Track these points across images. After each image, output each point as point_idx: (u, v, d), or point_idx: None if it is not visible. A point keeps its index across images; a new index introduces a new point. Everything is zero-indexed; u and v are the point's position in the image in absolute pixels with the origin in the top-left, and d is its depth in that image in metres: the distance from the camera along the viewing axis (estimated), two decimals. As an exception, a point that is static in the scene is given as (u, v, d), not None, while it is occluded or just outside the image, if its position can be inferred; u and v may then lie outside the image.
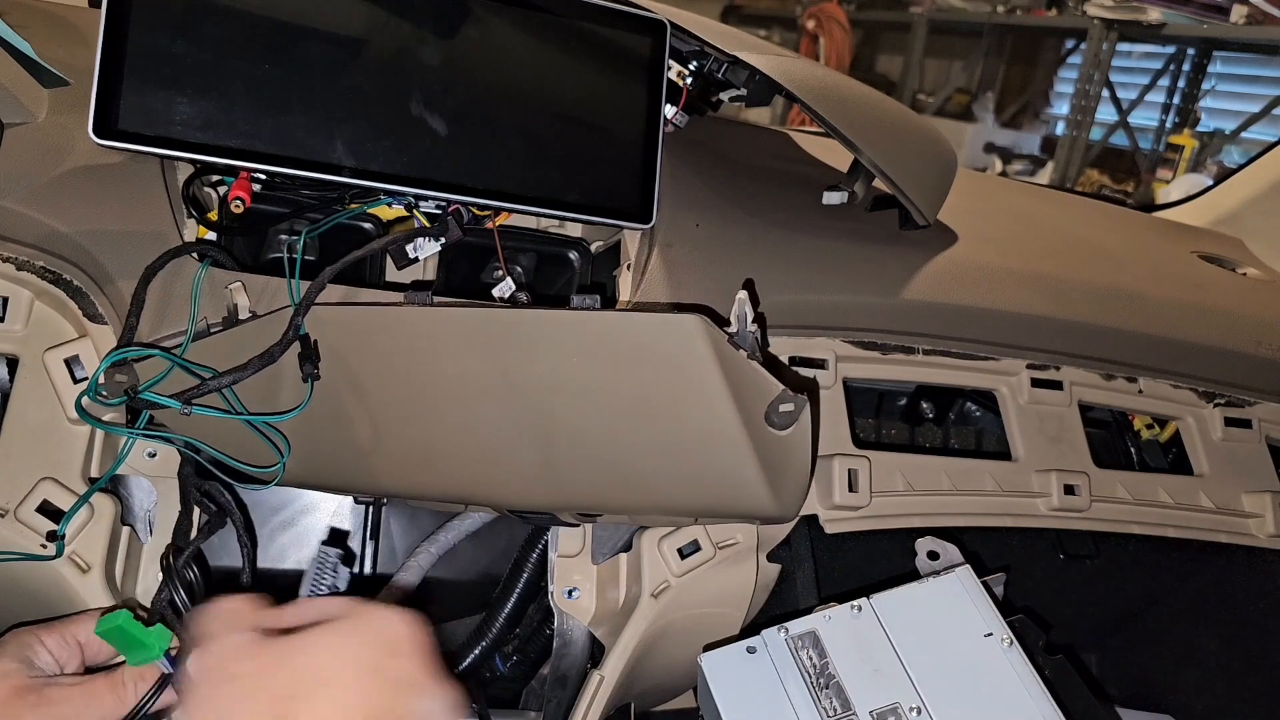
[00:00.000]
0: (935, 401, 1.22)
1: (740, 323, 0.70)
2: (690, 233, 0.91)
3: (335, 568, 0.86)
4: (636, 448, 0.74)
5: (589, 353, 0.70)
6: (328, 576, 0.85)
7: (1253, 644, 1.16)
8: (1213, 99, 4.20)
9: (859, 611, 0.78)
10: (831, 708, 0.73)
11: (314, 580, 0.86)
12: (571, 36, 0.86)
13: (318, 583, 0.85)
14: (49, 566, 0.74)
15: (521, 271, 1.00)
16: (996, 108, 5.11)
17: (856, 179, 0.98)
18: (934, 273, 0.99)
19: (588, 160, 0.86)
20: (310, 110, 0.77)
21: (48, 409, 0.77)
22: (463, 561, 1.03)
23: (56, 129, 0.79)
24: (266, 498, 1.00)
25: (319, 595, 0.82)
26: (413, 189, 0.81)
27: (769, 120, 4.41)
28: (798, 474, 0.76)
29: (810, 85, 0.89)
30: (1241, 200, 1.46)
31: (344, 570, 0.87)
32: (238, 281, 0.77)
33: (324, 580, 0.85)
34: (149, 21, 0.73)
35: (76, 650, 0.67)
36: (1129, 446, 1.20)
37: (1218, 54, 4.14)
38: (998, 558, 1.05)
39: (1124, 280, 1.09)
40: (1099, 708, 0.83)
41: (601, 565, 0.92)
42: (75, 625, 0.67)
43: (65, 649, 0.66)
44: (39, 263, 0.79)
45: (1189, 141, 3.96)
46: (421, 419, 0.75)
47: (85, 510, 0.76)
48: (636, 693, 0.95)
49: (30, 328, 0.79)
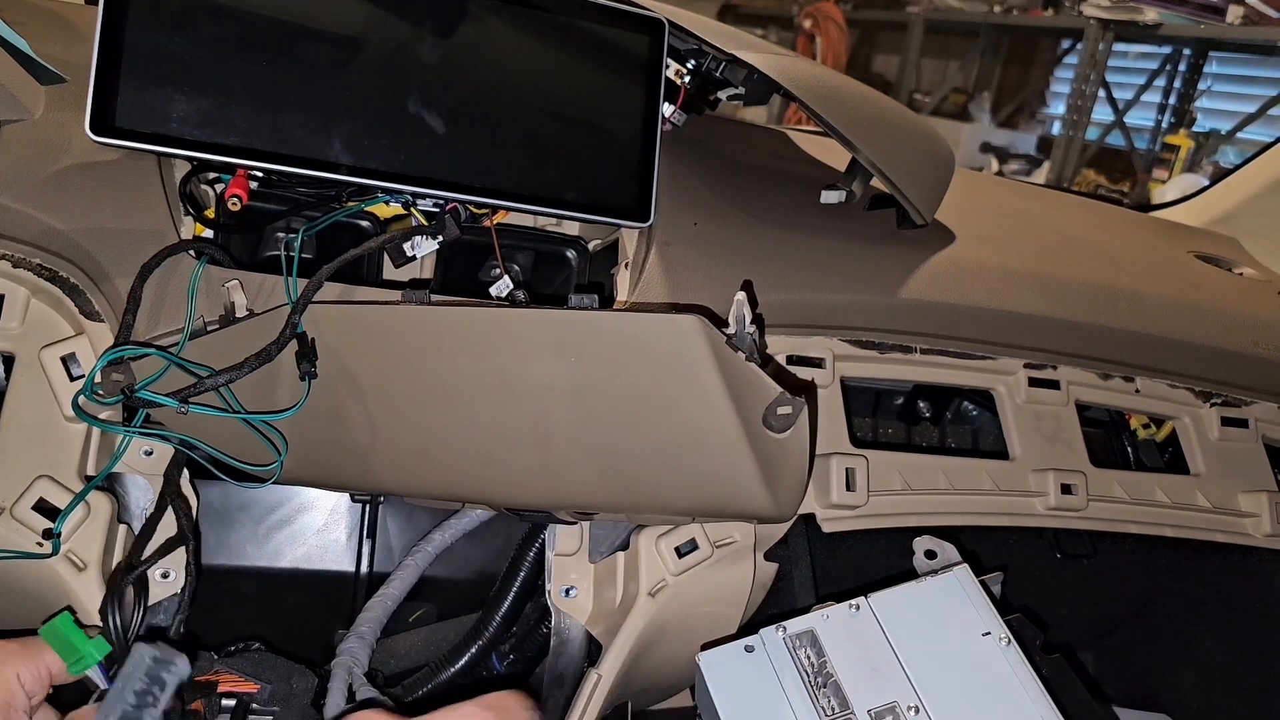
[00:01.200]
0: (933, 401, 1.22)
1: (738, 324, 0.70)
2: (688, 231, 0.91)
3: (150, 667, 0.67)
4: (633, 447, 0.74)
5: (586, 352, 0.70)
6: (138, 682, 0.66)
7: (1249, 643, 1.16)
8: (1209, 99, 4.21)
9: (857, 610, 0.78)
10: (829, 707, 0.73)
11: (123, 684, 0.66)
12: (570, 35, 0.86)
13: (126, 688, 0.66)
14: (45, 565, 0.74)
15: (519, 270, 1.00)
16: (993, 107, 5.11)
17: (854, 178, 0.98)
18: (931, 272, 0.99)
19: (586, 159, 0.86)
20: (308, 108, 0.77)
21: (44, 407, 0.77)
22: (460, 560, 1.03)
23: (53, 126, 0.79)
24: (263, 495, 1.00)
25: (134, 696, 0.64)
26: (410, 187, 0.80)
27: (766, 119, 4.41)
28: (795, 475, 0.76)
29: (808, 84, 0.89)
30: (1238, 200, 1.46)
31: (173, 661, 0.69)
32: (235, 279, 0.77)
33: (133, 685, 0.66)
34: (146, 18, 0.73)
35: (46, 678, 0.65)
36: (1126, 446, 1.20)
37: (1214, 54, 4.14)
38: (995, 557, 1.05)
39: (1121, 280, 1.09)
40: (1096, 707, 0.83)
41: (599, 564, 0.92)
42: (47, 653, 0.65)
43: (37, 681, 0.64)
44: (36, 260, 0.78)
45: (1185, 141, 3.96)
46: (419, 417, 0.75)
47: (81, 508, 0.76)
48: (634, 692, 0.95)
49: (27, 325, 0.79)
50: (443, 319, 0.71)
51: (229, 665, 0.76)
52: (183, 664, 0.69)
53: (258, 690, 0.77)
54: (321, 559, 1.02)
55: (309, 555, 1.02)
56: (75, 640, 0.67)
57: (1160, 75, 4.30)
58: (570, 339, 0.69)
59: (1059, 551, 1.13)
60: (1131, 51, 4.39)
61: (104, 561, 0.77)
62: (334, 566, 1.02)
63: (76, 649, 0.67)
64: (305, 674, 0.81)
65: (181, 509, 0.77)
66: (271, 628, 1.00)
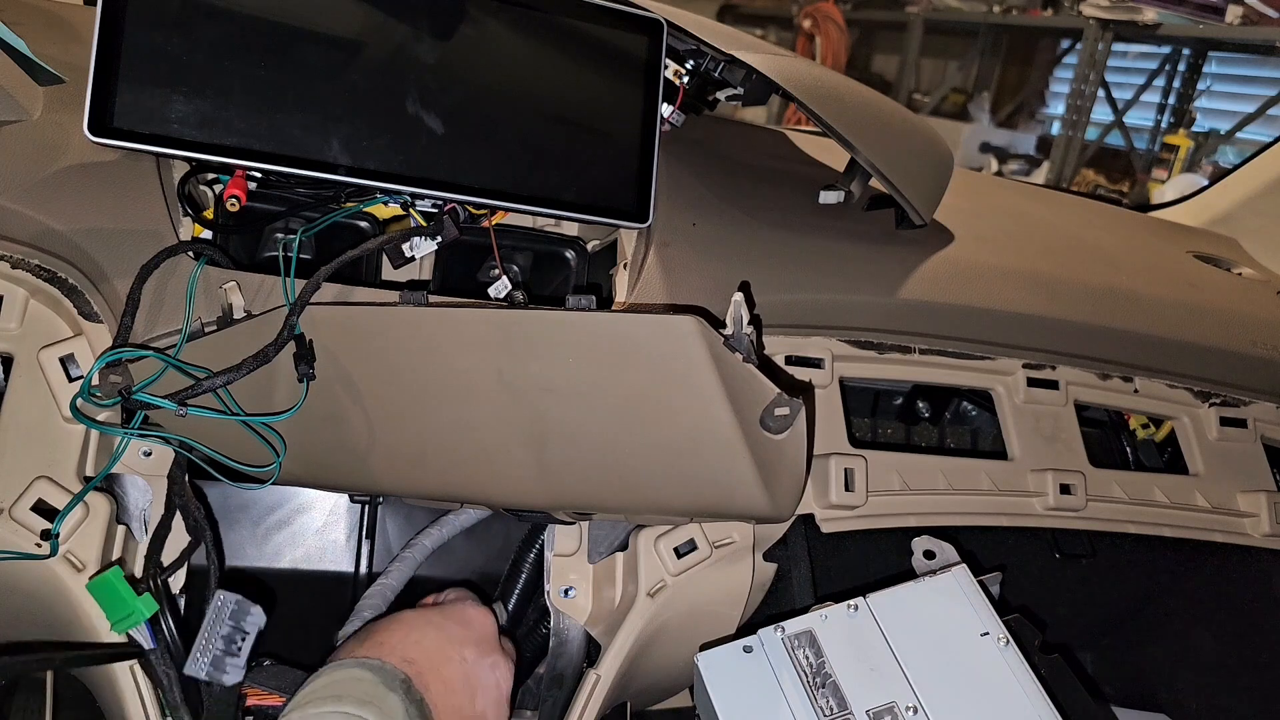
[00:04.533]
0: (931, 401, 1.22)
1: (736, 325, 0.70)
2: (687, 232, 0.91)
3: (234, 612, 0.74)
4: (630, 448, 0.74)
5: (584, 353, 0.70)
6: (224, 626, 0.72)
7: (1248, 643, 1.16)
8: (1208, 99, 4.21)
9: (855, 611, 0.78)
10: (828, 707, 0.73)
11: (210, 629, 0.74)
12: (569, 35, 0.86)
13: (213, 632, 0.73)
14: (44, 565, 0.74)
15: (518, 270, 1.00)
16: (992, 107, 5.11)
17: (853, 178, 0.98)
18: (930, 272, 0.99)
19: (584, 159, 0.86)
20: (306, 108, 0.77)
21: (42, 408, 0.77)
22: (459, 560, 1.03)
23: (52, 126, 0.79)
24: (262, 496, 1.00)
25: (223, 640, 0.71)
26: (409, 188, 0.80)
27: (765, 119, 4.41)
28: (792, 477, 0.76)
29: (807, 84, 0.89)
30: (1237, 200, 1.46)
31: (249, 610, 0.75)
32: (232, 281, 0.77)
33: (220, 630, 0.73)
34: (144, 19, 0.73)
35: None
36: (1125, 446, 1.20)
37: (1213, 54, 4.15)
38: (994, 557, 1.05)
39: (1120, 280, 1.09)
40: (1095, 707, 0.83)
41: (598, 564, 0.92)
42: None
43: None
44: (34, 261, 0.78)
45: (1184, 141, 3.97)
46: (416, 417, 0.75)
47: (80, 509, 0.76)
48: (633, 692, 0.95)
49: (25, 326, 0.79)
50: (440, 320, 0.71)
51: (251, 680, 0.76)
52: (258, 614, 0.73)
53: (282, 703, 0.77)
54: (321, 559, 1.02)
55: (308, 556, 1.02)
56: (125, 594, 0.66)
57: (1159, 75, 4.30)
58: (567, 340, 0.69)
59: (1058, 552, 1.13)
60: (1131, 51, 4.39)
61: (102, 562, 0.77)
62: (333, 567, 1.02)
63: (126, 604, 0.66)
64: None
65: (192, 509, 0.78)
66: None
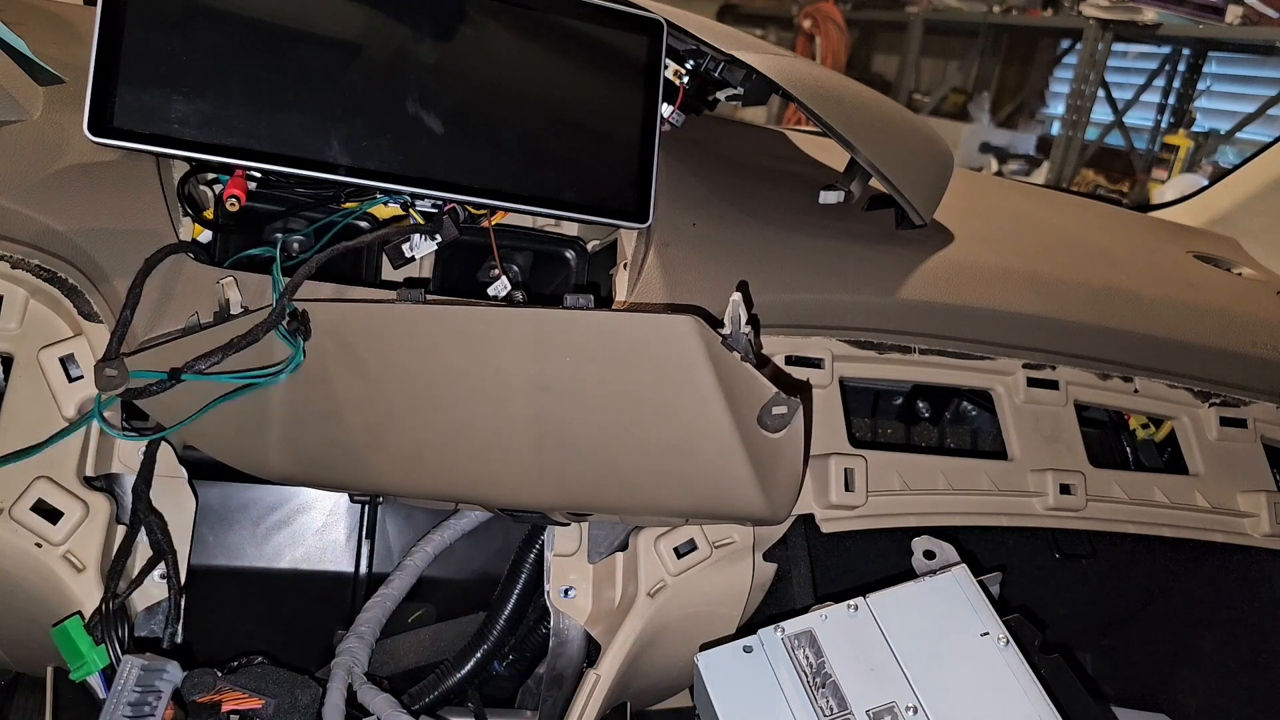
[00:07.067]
0: (931, 401, 1.22)
1: (734, 324, 0.70)
2: (687, 232, 0.91)
3: (141, 677, 0.69)
4: (628, 448, 0.74)
5: (582, 352, 0.70)
6: (130, 694, 0.68)
7: (1248, 643, 1.16)
8: (1208, 99, 4.21)
9: (855, 611, 0.78)
10: (828, 707, 0.73)
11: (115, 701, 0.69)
12: (569, 35, 0.86)
13: (119, 701, 0.68)
14: (44, 565, 0.74)
15: (518, 270, 1.00)
16: (992, 107, 5.11)
17: (853, 178, 0.98)
18: (930, 272, 0.99)
19: (584, 159, 0.86)
20: (306, 108, 0.77)
21: (43, 407, 0.77)
22: (460, 560, 1.02)
23: (52, 127, 0.79)
24: (262, 496, 1.00)
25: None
26: (409, 188, 0.80)
27: (765, 119, 4.41)
28: (789, 476, 0.76)
29: (807, 84, 0.89)
30: (1237, 200, 1.46)
31: (164, 669, 0.72)
32: (229, 277, 0.77)
33: (126, 698, 0.68)
34: (144, 19, 0.73)
35: None
36: (1125, 446, 1.20)
37: (1213, 54, 4.14)
38: (994, 557, 1.05)
39: (1120, 280, 1.09)
40: (1094, 706, 0.83)
41: (598, 564, 0.92)
42: None
43: None
44: (34, 261, 0.78)
45: (1184, 142, 3.96)
46: (414, 416, 0.75)
47: (80, 509, 0.76)
48: (633, 692, 0.95)
49: (25, 326, 0.79)
50: (438, 318, 0.71)
51: (232, 682, 0.76)
52: (174, 670, 0.71)
53: (261, 706, 0.76)
54: (321, 559, 1.02)
55: (308, 556, 1.02)
56: (82, 645, 0.68)
57: (1159, 75, 4.30)
58: (565, 339, 0.69)
59: (1057, 552, 1.13)
60: (1130, 51, 4.39)
61: (102, 562, 0.77)
62: (333, 567, 1.02)
63: (82, 654, 0.68)
64: (309, 685, 0.80)
65: (154, 525, 0.77)
66: (271, 628, 1.00)
